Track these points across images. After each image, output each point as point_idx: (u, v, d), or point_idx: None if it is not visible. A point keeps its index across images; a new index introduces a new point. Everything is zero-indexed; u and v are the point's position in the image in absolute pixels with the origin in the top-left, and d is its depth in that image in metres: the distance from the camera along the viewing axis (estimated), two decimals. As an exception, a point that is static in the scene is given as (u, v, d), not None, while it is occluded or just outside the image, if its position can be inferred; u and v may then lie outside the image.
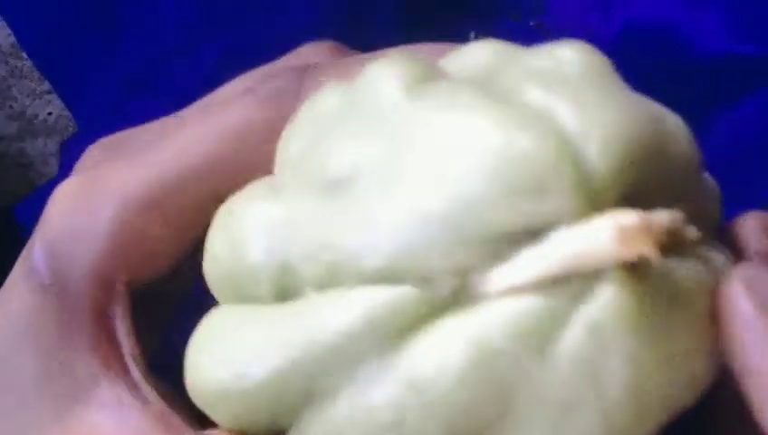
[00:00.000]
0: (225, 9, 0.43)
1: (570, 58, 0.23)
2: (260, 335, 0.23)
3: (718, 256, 0.23)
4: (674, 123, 0.23)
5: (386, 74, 0.23)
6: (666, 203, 0.22)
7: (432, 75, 0.23)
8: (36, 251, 0.28)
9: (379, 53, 0.28)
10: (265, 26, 0.40)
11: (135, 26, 0.45)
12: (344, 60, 0.29)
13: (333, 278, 0.22)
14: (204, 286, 0.27)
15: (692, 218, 0.23)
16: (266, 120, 0.27)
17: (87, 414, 0.27)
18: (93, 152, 0.31)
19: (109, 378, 0.27)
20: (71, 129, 0.72)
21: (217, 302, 0.26)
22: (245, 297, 0.24)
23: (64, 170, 0.49)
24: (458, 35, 0.34)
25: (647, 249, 0.20)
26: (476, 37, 0.33)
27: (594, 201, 0.21)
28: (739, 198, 0.36)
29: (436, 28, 0.40)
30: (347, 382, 0.22)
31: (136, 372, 0.28)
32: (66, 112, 0.71)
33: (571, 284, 0.21)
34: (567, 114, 0.21)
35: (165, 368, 0.29)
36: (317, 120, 0.24)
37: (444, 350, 0.21)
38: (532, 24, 0.42)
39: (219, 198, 0.27)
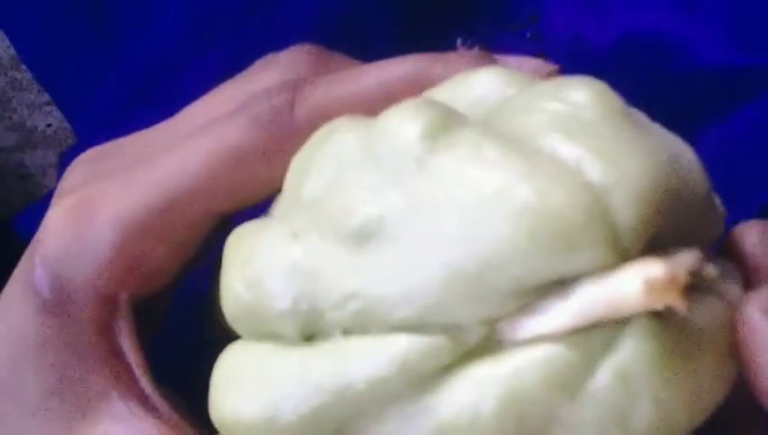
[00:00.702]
0: (223, 20, 0.43)
1: (584, 101, 0.23)
2: (291, 375, 0.23)
3: (734, 288, 0.24)
4: (688, 158, 0.24)
5: (405, 124, 0.23)
6: (684, 239, 0.23)
7: (451, 122, 0.23)
8: (37, 272, 0.28)
9: (372, 64, 0.28)
10: (264, 36, 0.40)
11: (134, 37, 0.45)
12: (335, 76, 0.29)
13: (361, 325, 0.23)
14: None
15: (705, 248, 0.24)
16: (260, 141, 0.28)
17: (99, 429, 0.28)
18: (76, 169, 0.31)
19: (119, 391, 0.28)
20: (70, 140, 0.72)
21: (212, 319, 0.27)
22: (269, 335, 0.24)
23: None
24: (454, 45, 0.34)
25: (673, 299, 0.21)
26: (464, 44, 0.33)
27: (623, 253, 0.22)
28: (733, 208, 0.37)
29: (432, 37, 0.40)
30: (378, 427, 0.23)
31: (146, 384, 0.28)
32: (66, 124, 0.71)
33: (600, 332, 0.22)
34: (593, 167, 0.22)
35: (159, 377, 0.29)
36: (333, 161, 0.25)
37: (474, 396, 0.22)
38: (528, 35, 0.42)
39: (208, 218, 0.28)
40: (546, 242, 0.21)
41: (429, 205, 0.22)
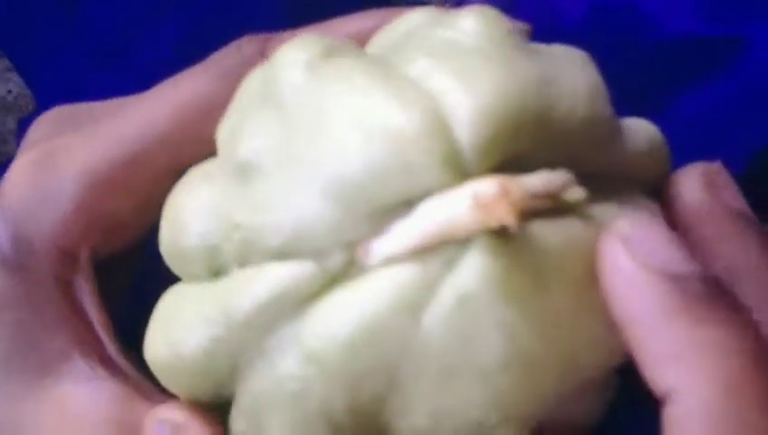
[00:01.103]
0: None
1: (469, 28, 0.24)
2: (191, 313, 0.24)
3: (609, 212, 0.23)
4: (570, 84, 0.23)
5: (289, 56, 0.24)
6: (556, 164, 0.22)
7: (333, 53, 0.24)
8: None
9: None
10: (224, 1, 0.40)
11: (95, 3, 0.44)
12: (303, 30, 0.28)
13: (247, 256, 0.23)
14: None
15: (593, 176, 0.23)
16: (230, 92, 0.27)
17: (60, 387, 0.27)
18: (42, 125, 0.30)
19: (81, 351, 0.28)
20: (30, 106, 0.71)
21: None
22: (190, 276, 0.25)
23: (24, 148, 0.48)
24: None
25: (503, 216, 0.21)
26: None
27: (464, 173, 0.21)
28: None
29: (402, 7, 0.40)
30: (260, 356, 0.23)
31: (108, 343, 0.28)
32: (26, 90, 0.70)
33: (442, 253, 0.22)
34: (445, 88, 0.22)
35: (131, 339, 0.28)
36: (242, 103, 0.25)
37: (333, 322, 0.22)
38: (499, 3, 0.41)
39: (176, 172, 0.27)
40: (391, 163, 0.22)
41: (298, 134, 0.23)
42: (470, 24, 0.24)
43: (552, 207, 0.22)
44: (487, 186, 0.21)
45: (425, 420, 0.22)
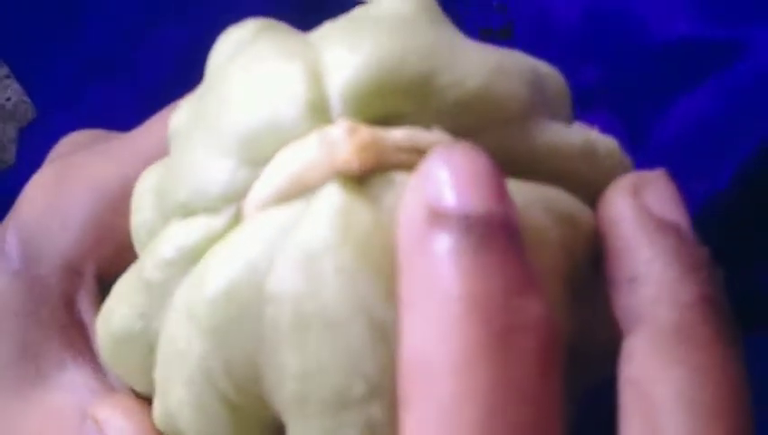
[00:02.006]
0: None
1: (387, 2, 0.24)
2: (120, 285, 0.24)
3: None
4: (467, 60, 0.22)
5: (223, 38, 0.25)
6: (438, 128, 0.22)
7: (264, 32, 0.24)
8: (9, 237, 0.28)
9: None
10: (223, 10, 0.40)
11: (94, 10, 0.44)
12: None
13: (166, 219, 0.23)
14: None
15: (488, 149, 0.21)
16: None
17: (51, 397, 0.28)
18: (63, 146, 0.31)
19: (75, 363, 0.28)
20: (30, 115, 0.71)
21: None
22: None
23: (23, 157, 0.49)
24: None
25: (348, 155, 0.20)
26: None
27: (328, 123, 0.21)
28: (701, 176, 0.37)
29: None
30: (166, 318, 0.23)
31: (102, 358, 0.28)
32: (25, 98, 0.70)
33: (301, 197, 0.21)
34: (331, 47, 0.22)
35: None
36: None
37: (205, 276, 0.21)
38: (494, 4, 0.42)
39: None
40: (268, 115, 0.22)
41: (208, 101, 0.23)
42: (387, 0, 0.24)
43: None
44: (336, 127, 0.21)
45: (294, 384, 0.21)
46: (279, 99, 0.22)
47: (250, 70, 0.23)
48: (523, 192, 0.21)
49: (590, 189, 0.24)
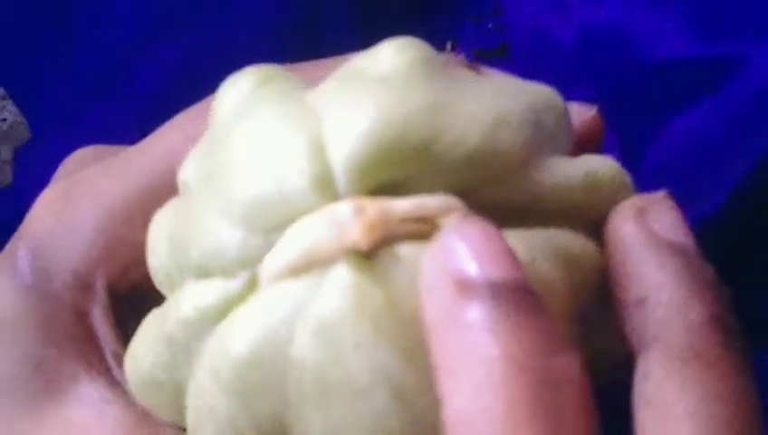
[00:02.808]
0: (181, 9, 0.42)
1: (383, 57, 0.24)
2: (147, 331, 0.25)
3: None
4: (467, 114, 0.23)
5: (226, 88, 0.25)
6: (447, 192, 0.22)
7: (265, 84, 0.25)
8: (20, 253, 0.29)
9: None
10: (222, 27, 0.40)
11: (90, 29, 0.44)
12: (311, 64, 0.29)
13: (182, 274, 0.24)
14: None
15: (500, 206, 0.23)
16: None
17: (65, 411, 0.28)
18: (69, 163, 0.31)
19: (90, 376, 0.28)
20: (26, 135, 0.71)
21: None
22: (165, 294, 0.26)
23: (20, 177, 0.49)
24: (415, 36, 0.33)
25: (357, 235, 0.21)
26: (452, 49, 0.34)
27: (335, 195, 0.22)
28: (696, 196, 0.37)
29: (392, 30, 0.40)
30: (190, 372, 0.24)
31: (117, 371, 0.28)
32: (21, 118, 0.70)
33: (314, 271, 0.22)
34: (332, 113, 0.23)
35: None
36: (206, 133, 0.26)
37: (227, 338, 0.22)
38: (490, 26, 0.42)
39: None
40: (274, 186, 0.22)
41: (216, 159, 0.24)
42: (385, 53, 0.24)
43: (432, 231, 0.22)
44: (343, 206, 0.22)
45: None
46: (285, 171, 0.22)
47: (256, 136, 0.23)
48: (528, 243, 0.22)
49: (593, 216, 0.24)
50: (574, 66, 0.40)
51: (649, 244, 0.23)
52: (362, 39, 0.29)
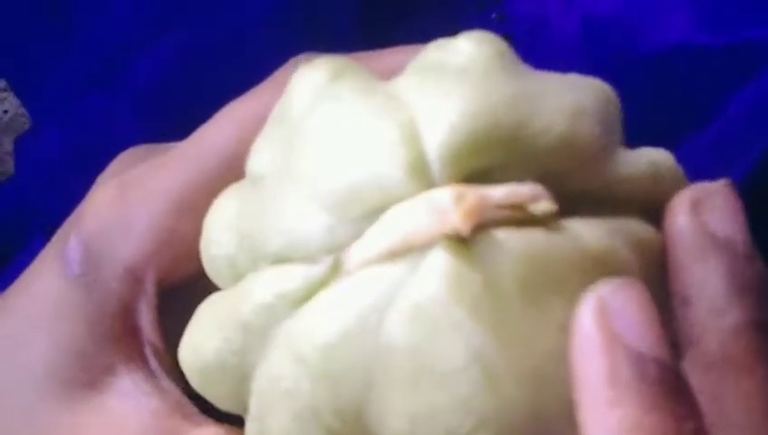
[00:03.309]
0: (180, 3, 0.42)
1: (461, 49, 0.25)
2: (211, 318, 0.25)
3: (586, 229, 0.23)
4: (549, 104, 0.24)
5: (300, 80, 0.26)
6: (532, 179, 0.23)
7: (341, 76, 0.25)
8: (72, 244, 0.29)
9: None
10: (223, 20, 0.40)
11: (89, 21, 0.44)
12: (356, 56, 0.29)
13: (255, 262, 0.25)
14: None
15: (579, 194, 0.24)
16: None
17: (102, 401, 0.28)
18: (120, 162, 0.32)
19: (128, 368, 0.29)
20: (26, 126, 0.71)
21: None
22: (222, 286, 0.26)
23: (20, 168, 0.49)
24: (418, 29, 0.33)
25: (458, 222, 0.22)
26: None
27: (430, 182, 0.23)
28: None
29: (395, 23, 0.40)
30: (263, 358, 0.24)
31: (154, 363, 0.29)
32: (22, 110, 0.70)
33: (409, 257, 0.23)
34: (422, 104, 0.23)
35: None
36: (267, 124, 0.27)
37: (315, 323, 0.23)
38: (493, 16, 0.42)
39: None
40: (367, 173, 0.23)
41: (299, 149, 0.24)
42: (463, 46, 0.25)
43: (522, 218, 0.23)
44: (443, 193, 0.22)
45: (403, 424, 0.23)
46: (378, 159, 0.23)
47: (341, 126, 0.24)
48: (607, 231, 0.23)
49: (656, 205, 0.25)
50: (577, 56, 0.40)
51: (697, 238, 0.23)
52: (366, 31, 0.29)
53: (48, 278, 0.29)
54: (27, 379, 0.29)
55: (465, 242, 0.22)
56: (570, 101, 0.24)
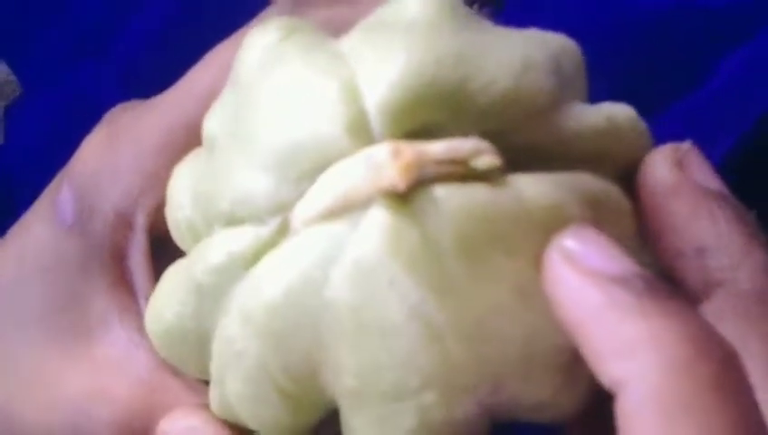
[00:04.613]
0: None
1: (410, 4, 0.24)
2: (170, 282, 0.25)
3: (533, 183, 0.23)
4: (496, 58, 0.23)
5: (251, 39, 0.25)
6: (477, 135, 0.23)
7: (291, 35, 0.25)
8: (63, 192, 0.29)
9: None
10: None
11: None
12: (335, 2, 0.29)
13: (210, 224, 0.25)
14: None
15: (527, 149, 0.23)
16: None
17: (93, 350, 0.28)
18: (111, 114, 0.31)
19: (120, 318, 0.29)
20: (17, 93, 0.71)
21: None
22: (184, 248, 0.26)
23: (11, 135, 0.49)
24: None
25: (394, 177, 0.22)
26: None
27: (370, 139, 0.23)
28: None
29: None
30: (217, 320, 0.24)
31: None
32: (11, 77, 0.70)
33: (350, 214, 0.22)
34: (364, 60, 0.23)
35: None
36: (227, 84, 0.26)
37: (260, 283, 0.23)
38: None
39: None
40: (308, 132, 0.23)
41: (246, 110, 0.24)
42: (411, 2, 0.25)
43: (466, 174, 0.22)
44: (380, 149, 0.22)
45: (353, 381, 0.23)
46: (318, 117, 0.23)
47: (285, 86, 0.24)
48: (557, 186, 0.23)
49: (616, 161, 0.25)
50: (574, 19, 0.39)
51: (697, 193, 0.24)
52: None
53: (41, 226, 0.30)
54: (19, 325, 0.29)
55: (404, 198, 0.22)
56: (519, 55, 0.24)
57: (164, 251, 0.29)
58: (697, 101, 0.38)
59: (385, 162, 0.22)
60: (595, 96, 0.26)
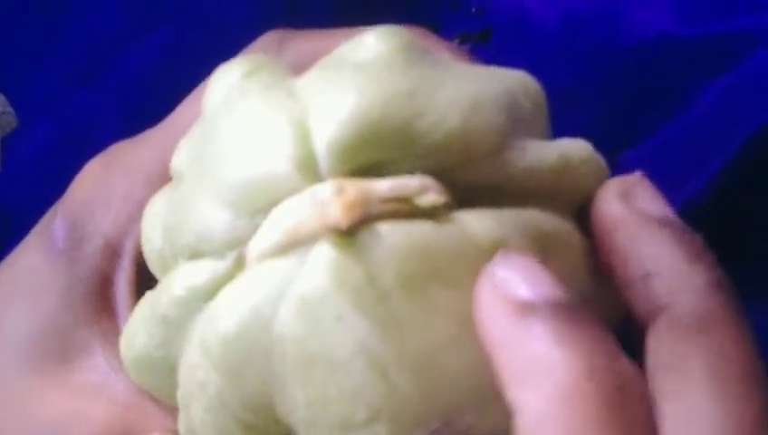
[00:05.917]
0: (167, 0, 0.42)
1: (366, 43, 0.25)
2: (141, 313, 0.26)
3: (478, 220, 0.23)
4: (446, 98, 0.24)
5: (216, 78, 0.26)
6: (426, 173, 0.23)
7: (254, 74, 0.26)
8: (57, 220, 0.30)
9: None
10: (208, 16, 0.40)
11: (76, 17, 0.44)
12: (317, 32, 0.29)
13: (175, 257, 0.25)
14: None
15: (475, 186, 0.24)
16: None
17: (73, 377, 0.29)
18: (115, 145, 0.32)
19: (103, 346, 0.29)
20: (14, 124, 0.71)
21: None
22: (158, 279, 0.27)
23: (8, 164, 0.49)
24: (395, 23, 0.33)
25: (337, 215, 0.22)
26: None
27: (319, 177, 0.23)
28: (676, 182, 0.37)
29: (375, 17, 0.40)
30: (182, 350, 0.25)
31: None
32: (9, 109, 0.70)
33: (299, 249, 0.23)
34: (316, 99, 0.24)
35: None
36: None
37: (216, 316, 0.24)
38: (473, 9, 0.42)
39: None
40: (261, 169, 0.24)
41: (208, 146, 0.25)
42: (367, 41, 0.25)
43: (412, 211, 0.23)
44: (325, 187, 0.23)
45: (304, 412, 0.23)
46: (272, 155, 0.23)
47: (244, 123, 0.24)
48: (500, 221, 0.23)
49: (569, 197, 0.25)
50: (556, 50, 0.40)
51: (640, 222, 0.24)
52: (344, 23, 0.29)
53: (34, 252, 0.30)
54: (5, 347, 0.29)
55: (349, 235, 0.23)
56: (469, 93, 0.24)
57: (154, 278, 0.30)
58: (681, 127, 0.38)
59: (329, 200, 0.23)
60: (577, 126, 0.27)
